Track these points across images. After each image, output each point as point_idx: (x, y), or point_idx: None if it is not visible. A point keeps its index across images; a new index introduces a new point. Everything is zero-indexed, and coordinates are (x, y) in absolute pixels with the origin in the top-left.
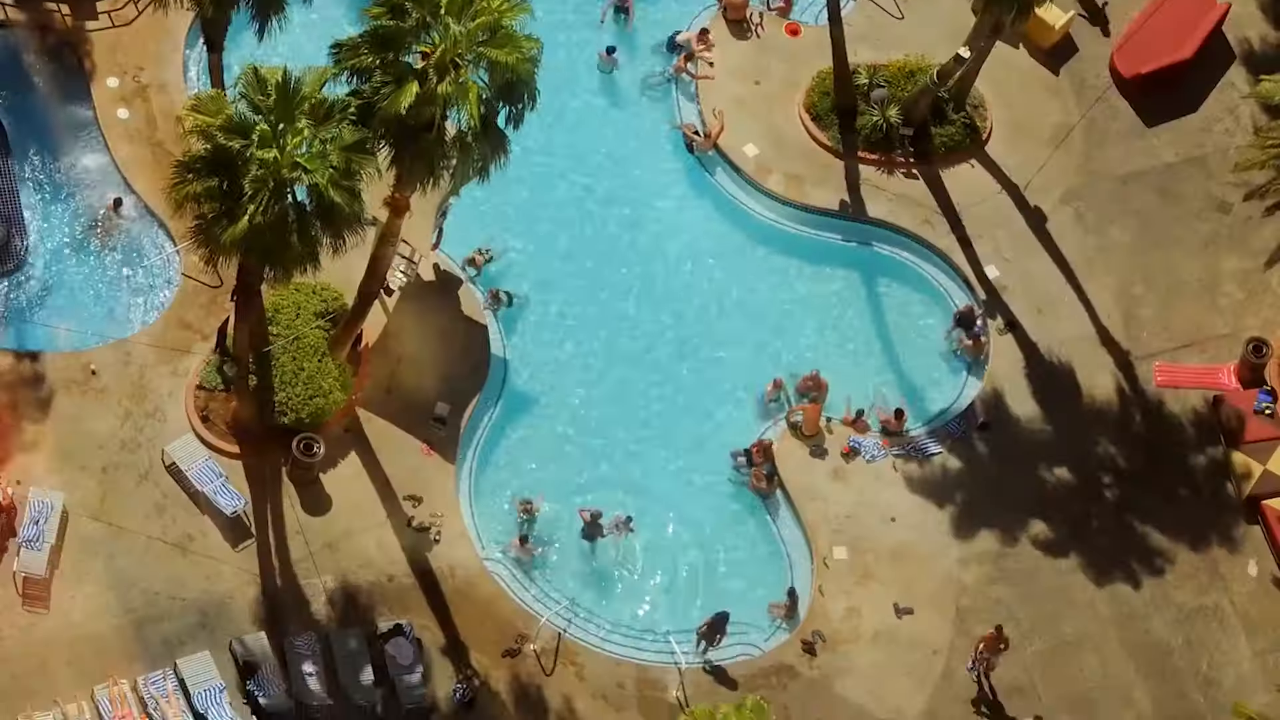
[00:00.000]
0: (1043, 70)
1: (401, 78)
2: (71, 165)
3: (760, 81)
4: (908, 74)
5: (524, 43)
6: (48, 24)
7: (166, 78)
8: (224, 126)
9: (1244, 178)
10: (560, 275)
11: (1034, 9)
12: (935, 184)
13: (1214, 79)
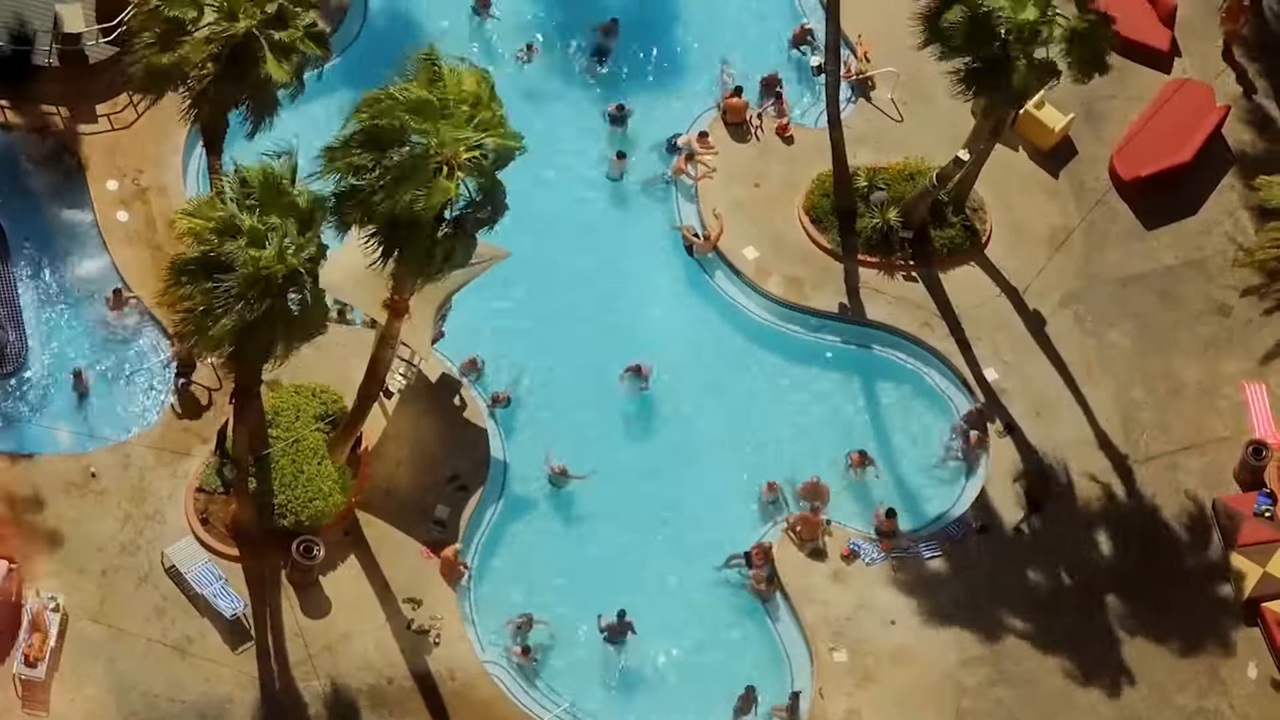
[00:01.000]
0: (1042, 173)
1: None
2: (71, 268)
3: (760, 184)
4: (907, 177)
5: (514, 139)
6: (46, 127)
7: (166, 180)
8: (216, 229)
9: (1244, 279)
10: (559, 378)
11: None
12: (935, 286)
13: (1214, 182)
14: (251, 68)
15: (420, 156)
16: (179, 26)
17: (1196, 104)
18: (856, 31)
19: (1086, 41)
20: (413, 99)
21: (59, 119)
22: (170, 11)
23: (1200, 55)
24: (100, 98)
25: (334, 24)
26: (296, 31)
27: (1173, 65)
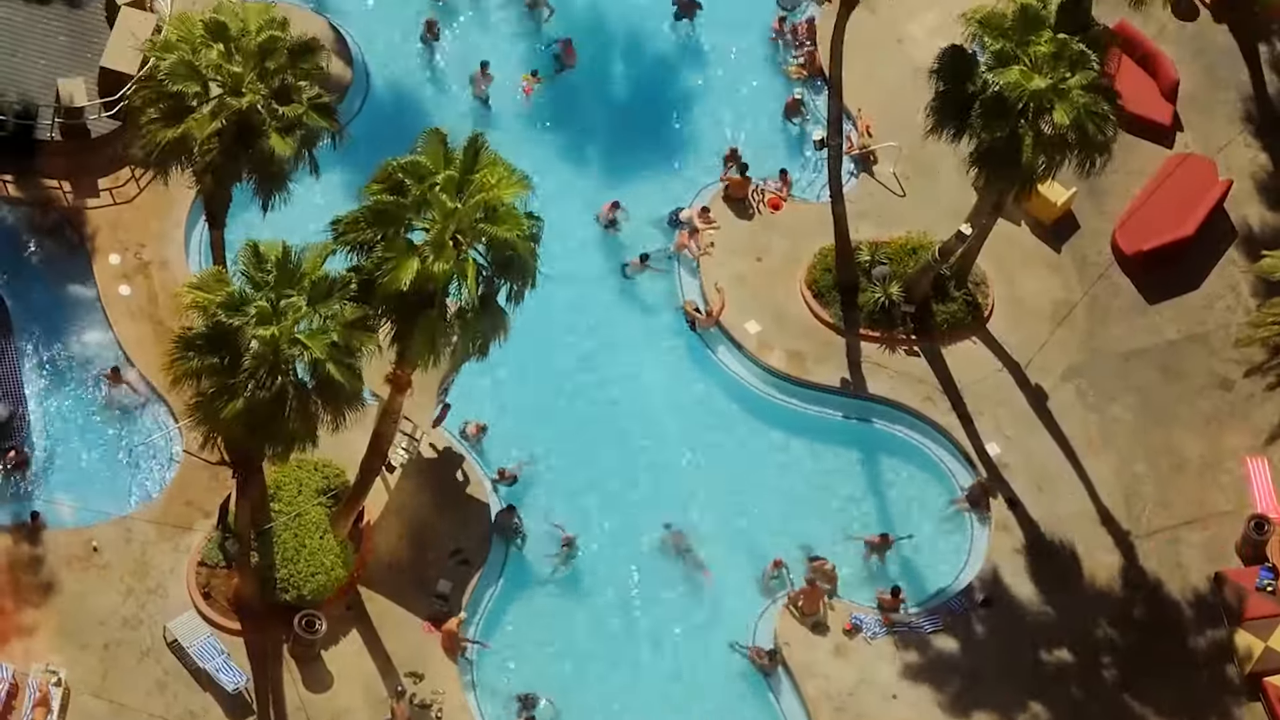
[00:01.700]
0: (1045, 247)
1: (402, 254)
2: (73, 342)
3: (762, 258)
4: (909, 251)
5: (523, 220)
6: (49, 201)
7: (168, 255)
8: (223, 304)
9: (1246, 354)
10: (560, 453)
11: (1035, 185)
12: (937, 361)
13: (1216, 256)
14: (256, 142)
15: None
16: (182, 102)
17: (1199, 178)
18: (858, 105)
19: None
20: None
21: (61, 193)
22: (173, 86)
23: (1203, 130)
24: (102, 172)
25: (336, 99)
26: (300, 106)
27: (1175, 140)
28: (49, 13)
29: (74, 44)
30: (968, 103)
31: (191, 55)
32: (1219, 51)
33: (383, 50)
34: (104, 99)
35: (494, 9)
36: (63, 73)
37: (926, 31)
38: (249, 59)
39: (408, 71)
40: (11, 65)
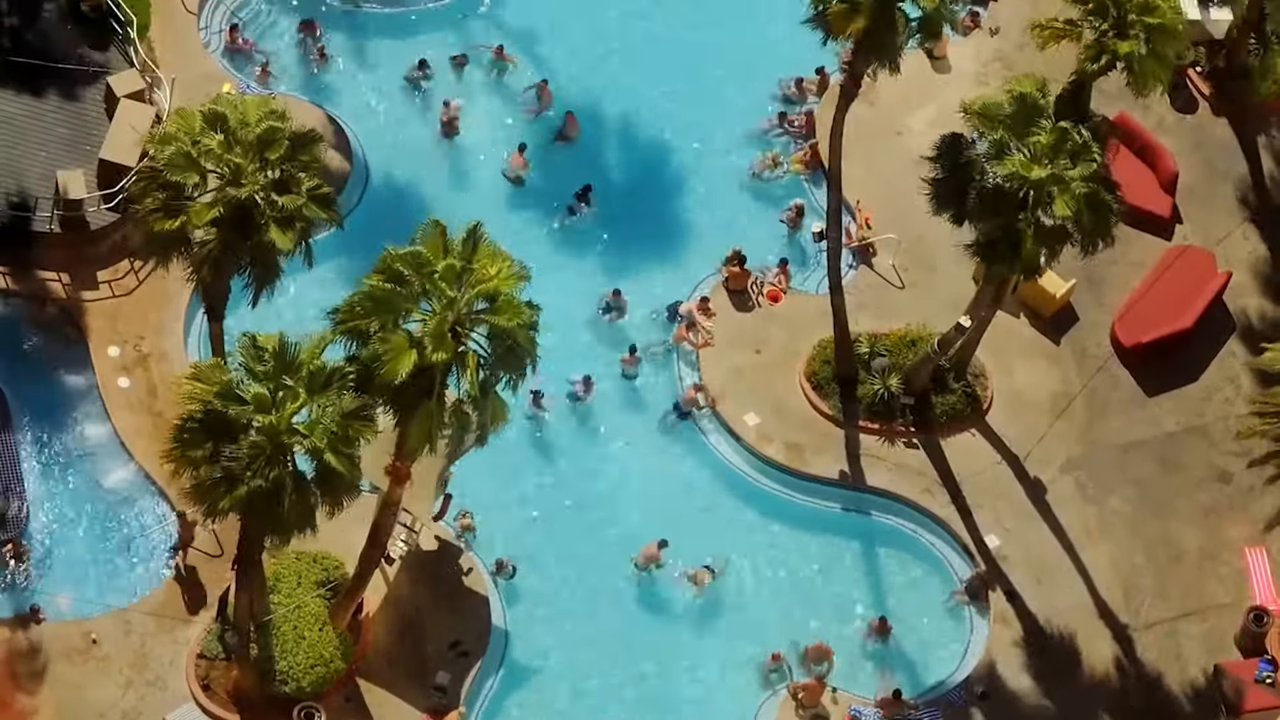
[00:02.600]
0: (1044, 340)
1: (401, 344)
2: (73, 435)
3: (761, 350)
4: (909, 343)
5: (523, 310)
6: (48, 293)
7: (167, 347)
8: (222, 393)
9: (1245, 446)
10: (559, 546)
11: (1036, 276)
12: (936, 453)
13: (1215, 348)
14: (254, 234)
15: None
16: (181, 193)
17: (1198, 270)
18: (856, 198)
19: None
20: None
21: (60, 285)
22: (172, 177)
23: (1202, 222)
24: (101, 264)
25: (335, 190)
26: (299, 197)
27: (1174, 232)
28: (48, 105)
29: (73, 136)
30: (966, 191)
31: (190, 147)
32: (1218, 144)
33: (381, 142)
34: (103, 191)
35: (495, 94)
36: (62, 165)
37: (926, 124)
38: (248, 150)
39: (406, 163)
40: (11, 157)
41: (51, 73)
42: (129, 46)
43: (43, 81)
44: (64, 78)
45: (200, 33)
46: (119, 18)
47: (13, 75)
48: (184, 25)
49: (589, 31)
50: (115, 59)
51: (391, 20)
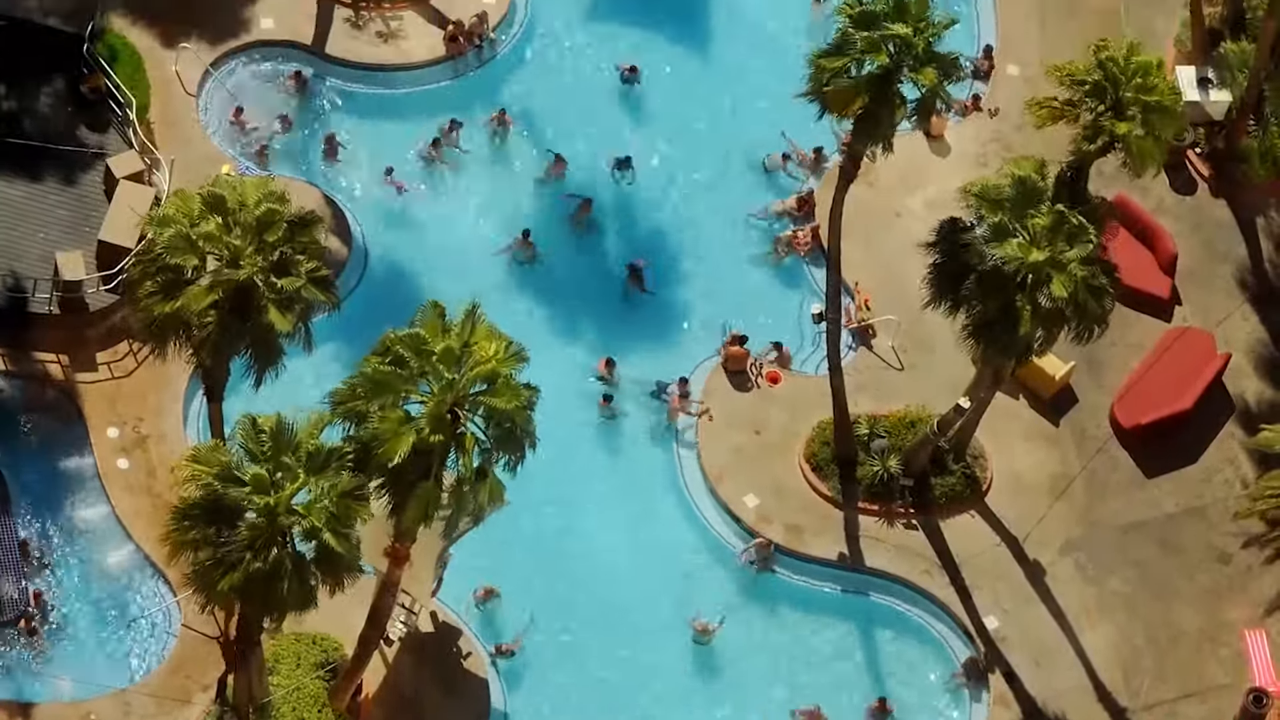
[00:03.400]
0: (1043, 421)
1: (399, 426)
2: (72, 516)
3: (760, 431)
4: (908, 424)
5: (521, 392)
6: (47, 374)
7: (166, 428)
8: (221, 475)
9: (1244, 527)
10: (558, 629)
11: (1033, 357)
12: (935, 535)
13: (1215, 429)
14: (254, 316)
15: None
16: (180, 275)
17: (1197, 352)
18: (856, 279)
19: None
20: (420, 346)
21: (59, 367)
22: (171, 259)
23: (1201, 303)
24: (100, 345)
25: (334, 273)
26: (299, 279)
27: (1173, 313)
28: (48, 187)
29: (72, 217)
30: (964, 275)
31: (189, 229)
32: (1217, 226)
33: (380, 223)
34: (102, 272)
35: (495, 172)
36: (61, 246)
37: (925, 205)
38: (247, 232)
39: (405, 244)
40: (10, 239)
41: (51, 154)
42: (128, 128)
43: (42, 163)
44: (63, 159)
45: (199, 114)
46: (118, 99)
47: (12, 157)
48: (183, 107)
49: (586, 113)
50: (114, 141)
51: (390, 101)
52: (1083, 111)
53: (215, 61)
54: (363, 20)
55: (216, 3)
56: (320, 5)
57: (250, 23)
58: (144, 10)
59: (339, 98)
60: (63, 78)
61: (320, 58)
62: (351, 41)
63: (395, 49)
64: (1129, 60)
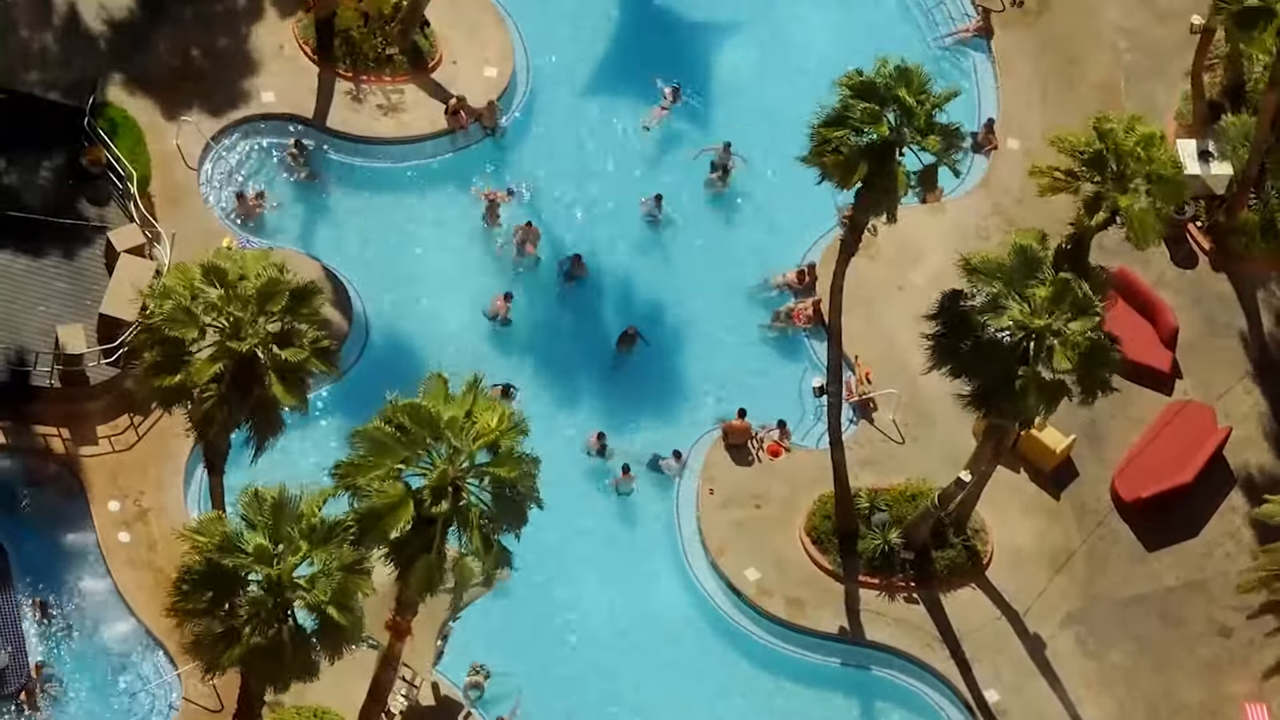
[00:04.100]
0: (1044, 494)
1: (401, 498)
2: (73, 590)
3: (761, 505)
4: (909, 498)
5: (523, 462)
6: (47, 448)
7: (167, 501)
8: (222, 547)
9: (1245, 600)
10: (557, 702)
11: (1034, 427)
12: (935, 608)
13: (1215, 503)
14: (255, 388)
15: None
16: (181, 348)
17: (1198, 425)
18: (856, 352)
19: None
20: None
21: (60, 440)
22: (172, 332)
23: (1202, 376)
24: (101, 419)
25: (336, 344)
26: (301, 350)
27: (1174, 386)
28: (48, 260)
29: (73, 290)
30: (965, 345)
31: (190, 301)
32: (1218, 299)
33: (381, 295)
34: (103, 345)
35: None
36: (62, 319)
37: (927, 279)
38: (248, 304)
39: (406, 316)
40: (11, 312)
41: (52, 227)
42: (129, 201)
43: (43, 236)
44: (64, 232)
45: (200, 187)
46: (119, 173)
47: (13, 230)
48: (184, 180)
49: (589, 183)
50: (115, 214)
51: (391, 174)
52: (1084, 183)
53: (216, 134)
54: (363, 94)
55: (217, 76)
56: (321, 78)
57: (251, 96)
58: (145, 84)
59: (340, 170)
60: (64, 151)
61: (321, 130)
62: (352, 114)
63: (396, 122)
64: (1130, 133)
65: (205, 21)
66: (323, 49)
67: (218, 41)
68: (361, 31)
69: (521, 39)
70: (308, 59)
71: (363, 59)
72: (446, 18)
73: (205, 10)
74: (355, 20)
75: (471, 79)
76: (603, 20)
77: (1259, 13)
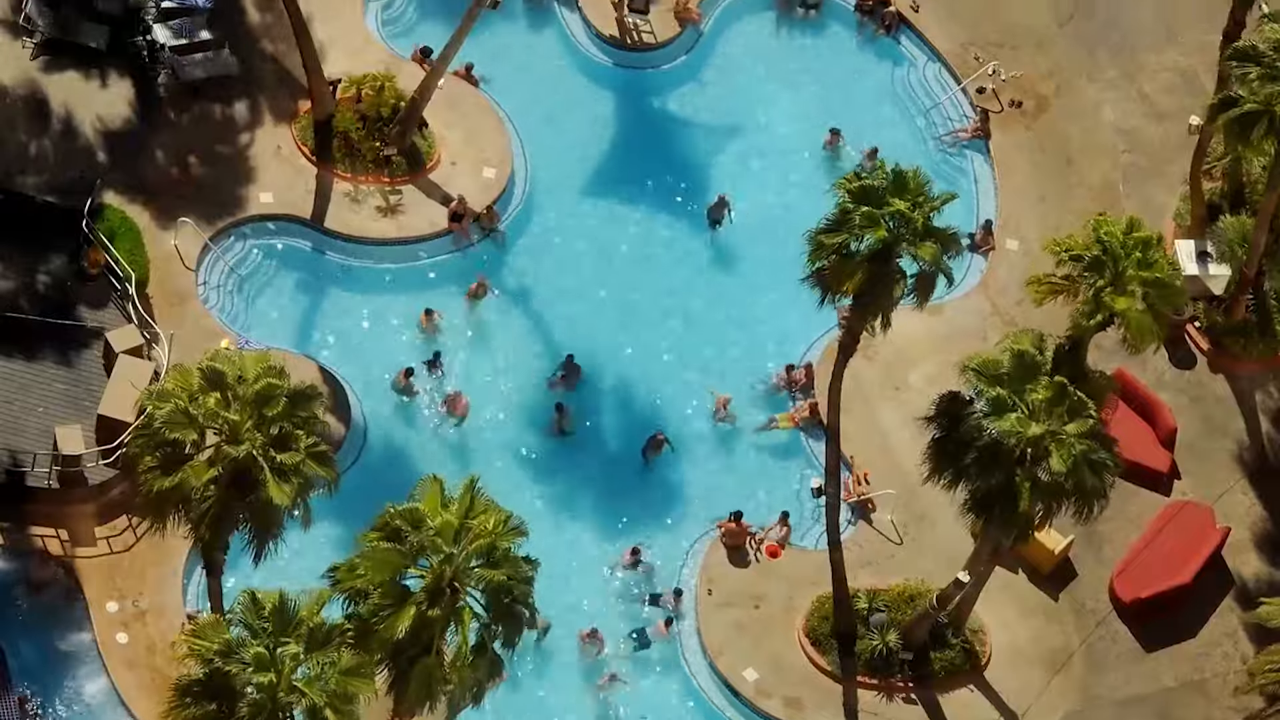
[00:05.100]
0: (1042, 595)
1: (399, 601)
2: (72, 690)
3: (760, 605)
4: (907, 598)
5: (521, 565)
6: (46, 549)
7: (166, 602)
8: (221, 651)
9: (1244, 703)
10: None
11: (1033, 532)
12: (934, 709)
13: (1214, 603)
14: (253, 491)
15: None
16: (179, 450)
17: (1197, 526)
18: (854, 453)
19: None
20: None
21: (59, 541)
22: (170, 434)
23: (1201, 477)
24: (99, 520)
25: (332, 450)
26: (298, 454)
27: (1173, 487)
28: (47, 361)
29: (72, 391)
30: (964, 449)
31: (188, 403)
32: (1216, 400)
33: (379, 399)
34: (101, 446)
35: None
36: (60, 420)
37: (924, 380)
38: (246, 407)
39: (403, 419)
40: (10, 413)
41: (51, 328)
42: (127, 302)
43: (41, 337)
44: (63, 333)
45: (199, 289)
46: (118, 274)
47: (12, 331)
48: (182, 281)
49: (586, 296)
50: (114, 315)
51: (390, 275)
52: (1082, 287)
53: (214, 236)
54: (361, 194)
55: (215, 178)
56: (319, 179)
57: (249, 197)
58: (143, 186)
59: (338, 271)
60: (62, 253)
61: (320, 231)
62: (351, 215)
63: (395, 224)
64: (1128, 235)
65: (202, 125)
66: (321, 150)
67: (215, 145)
68: (359, 133)
69: (520, 140)
70: (306, 160)
71: (361, 160)
72: (444, 119)
73: (202, 114)
74: (353, 122)
75: (470, 180)
76: (599, 123)
77: (1256, 116)
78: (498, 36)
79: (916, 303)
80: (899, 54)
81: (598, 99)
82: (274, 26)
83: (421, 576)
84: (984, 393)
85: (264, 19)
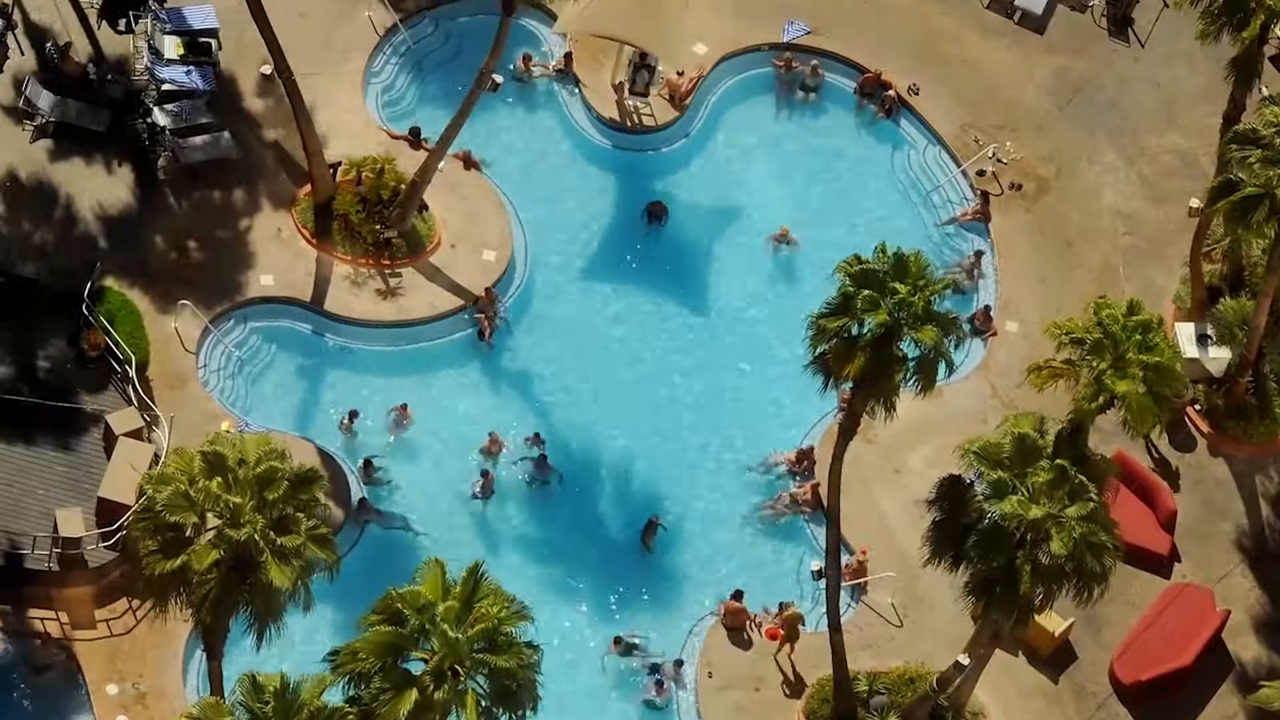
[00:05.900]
0: (1042, 677)
1: (400, 684)
2: None
3: (760, 688)
4: (907, 681)
5: (524, 650)
6: (45, 633)
7: (166, 685)
8: None
9: None
10: None
11: (1033, 615)
12: None
13: (1214, 687)
14: (254, 574)
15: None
16: (180, 533)
17: (1197, 609)
18: (854, 535)
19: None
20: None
21: (58, 624)
22: (171, 518)
23: (1201, 560)
24: (99, 602)
25: (332, 532)
26: (299, 537)
27: (1173, 570)
28: (47, 444)
29: (71, 474)
30: (964, 532)
31: (189, 486)
32: (1216, 483)
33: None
34: (101, 529)
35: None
36: (60, 503)
37: (924, 462)
38: (247, 490)
39: (403, 501)
40: (9, 495)
41: (50, 411)
42: (127, 385)
43: (41, 420)
44: (63, 416)
45: (199, 371)
46: (118, 357)
47: (12, 414)
48: (182, 363)
49: (584, 368)
50: (114, 398)
51: (390, 357)
52: (1082, 370)
53: (214, 318)
54: (361, 277)
55: (215, 261)
56: (319, 262)
57: (249, 280)
58: (143, 269)
59: (338, 353)
60: (62, 335)
61: (320, 314)
62: (352, 298)
63: (395, 306)
64: (1129, 318)
65: (202, 208)
66: (321, 233)
67: (215, 228)
68: (359, 215)
69: (520, 223)
70: (306, 242)
71: (361, 243)
72: (444, 201)
73: (202, 197)
74: (353, 205)
75: (470, 263)
76: (602, 204)
77: (1256, 200)
78: (498, 119)
79: (919, 389)
80: (899, 137)
81: (597, 181)
82: (274, 110)
83: (424, 659)
84: (985, 476)
85: (264, 103)
